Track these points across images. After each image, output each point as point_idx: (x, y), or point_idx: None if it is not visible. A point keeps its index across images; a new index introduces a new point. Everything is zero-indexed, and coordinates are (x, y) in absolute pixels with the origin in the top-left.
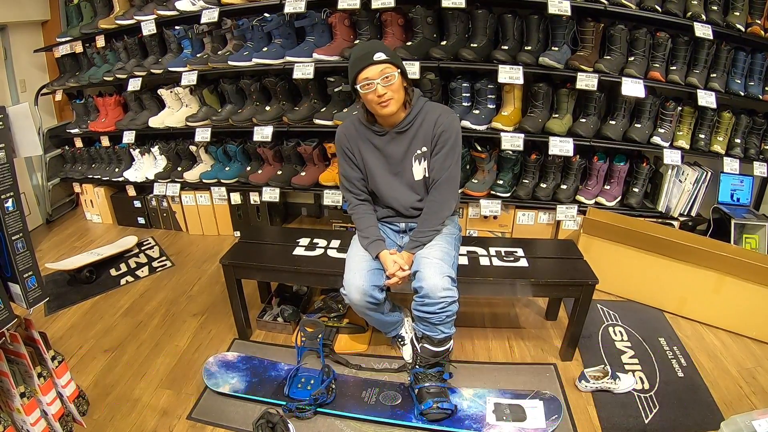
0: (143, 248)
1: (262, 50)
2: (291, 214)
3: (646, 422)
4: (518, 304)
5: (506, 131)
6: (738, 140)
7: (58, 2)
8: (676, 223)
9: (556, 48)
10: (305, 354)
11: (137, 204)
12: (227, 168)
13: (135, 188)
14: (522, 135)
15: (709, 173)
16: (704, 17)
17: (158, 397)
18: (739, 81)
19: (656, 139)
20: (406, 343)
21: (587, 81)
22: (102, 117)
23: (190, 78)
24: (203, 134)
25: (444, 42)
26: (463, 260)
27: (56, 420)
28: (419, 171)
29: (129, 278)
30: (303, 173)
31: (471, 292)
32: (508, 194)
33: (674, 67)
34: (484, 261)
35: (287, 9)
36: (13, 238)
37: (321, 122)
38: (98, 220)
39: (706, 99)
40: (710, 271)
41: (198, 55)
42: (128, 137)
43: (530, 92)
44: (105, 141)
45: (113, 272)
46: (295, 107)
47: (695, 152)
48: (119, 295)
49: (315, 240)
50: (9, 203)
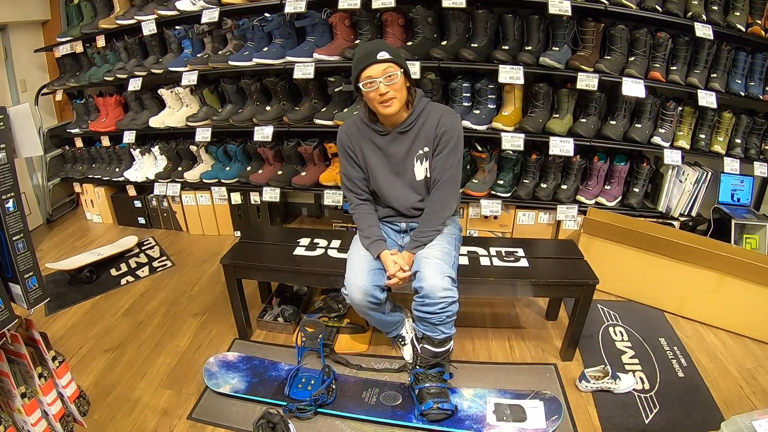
0: (143, 248)
1: (263, 50)
2: (291, 214)
3: (647, 422)
4: (518, 304)
5: (507, 131)
6: (738, 140)
7: (59, 2)
8: (677, 223)
9: (557, 48)
10: (305, 354)
11: (137, 204)
12: (228, 168)
13: (135, 188)
14: (522, 135)
15: (710, 173)
16: (705, 17)
17: (159, 397)
18: (740, 81)
19: (657, 139)
20: (407, 344)
21: (588, 81)
22: (102, 117)
23: (191, 78)
24: (204, 134)
25: (444, 42)
26: (464, 260)
27: (57, 420)
28: (421, 171)
29: (129, 278)
30: (303, 173)
31: (471, 292)
32: (509, 194)
33: (675, 67)
34: (485, 261)
35: (288, 9)
36: (14, 239)
37: (321, 122)
38: (98, 220)
39: (707, 99)
40: (710, 271)
41: (198, 55)
42: (129, 137)
43: (531, 92)
44: (105, 141)
45: (113, 272)
46: (296, 107)
47: (696, 152)
48: (120, 295)
49: (315, 240)
50: (10, 204)
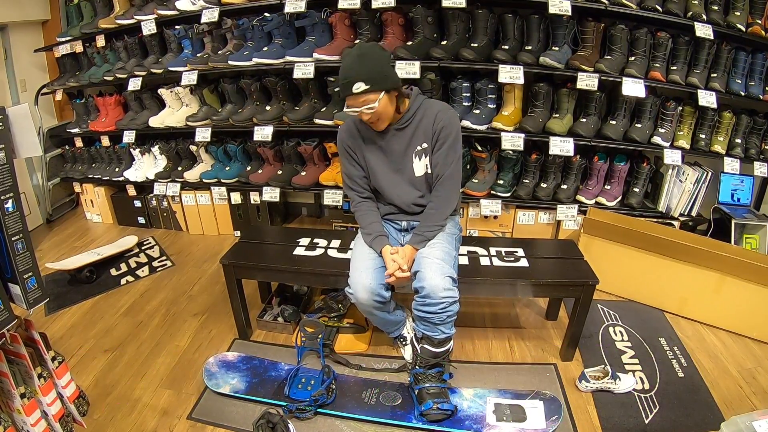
0: (143, 248)
1: (263, 50)
2: (291, 214)
3: (647, 422)
4: (518, 304)
5: (507, 131)
6: (738, 140)
7: (59, 2)
8: (677, 223)
9: (557, 48)
10: (305, 354)
11: (137, 204)
12: (227, 168)
13: (135, 188)
14: (522, 135)
15: (710, 173)
16: (705, 17)
17: (158, 397)
18: (740, 81)
19: (657, 139)
20: (408, 344)
21: (588, 81)
22: (102, 117)
23: (191, 78)
24: (203, 134)
25: (444, 42)
26: (464, 260)
27: (56, 420)
28: (420, 167)
29: (129, 278)
30: (303, 173)
31: (471, 292)
32: (509, 194)
33: (675, 67)
34: (485, 261)
35: (287, 9)
36: (13, 239)
37: (321, 122)
38: (98, 220)
39: (707, 99)
40: (711, 271)
41: (198, 55)
42: (128, 137)
43: (531, 92)
44: (105, 141)
45: (113, 272)
46: (296, 107)
47: (696, 152)
48: (119, 295)
49: (315, 240)
50: (9, 204)
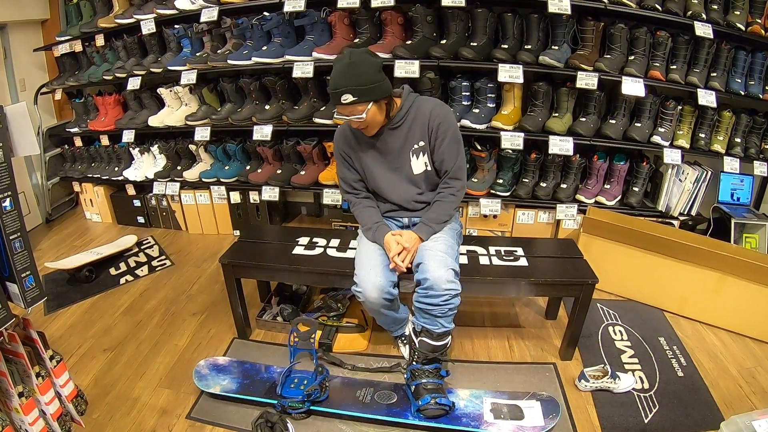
0: (143, 247)
1: (262, 49)
2: (290, 213)
3: (646, 422)
4: (518, 304)
5: (506, 130)
6: (738, 139)
7: (58, 1)
8: (676, 223)
9: (556, 47)
10: (299, 355)
11: (137, 203)
12: (227, 167)
13: (135, 187)
14: (522, 134)
15: (710, 172)
16: (704, 16)
17: (157, 397)
18: (740, 80)
19: (656, 139)
20: (408, 342)
21: (587, 80)
22: (101, 116)
23: (190, 77)
24: (203, 133)
25: (444, 41)
26: (463, 259)
27: (54, 420)
28: (419, 165)
29: (128, 277)
30: (302, 172)
31: (471, 292)
32: (508, 193)
33: (674, 66)
34: (484, 260)
35: (287, 8)
36: (11, 238)
37: (320, 121)
38: (98, 220)
39: (707, 98)
40: (710, 271)
41: (197, 54)
42: (128, 136)
43: (530, 91)
44: (104, 140)
45: (113, 271)
46: (295, 106)
47: (695, 151)
48: (119, 295)
49: (314, 239)
50: (6, 203)
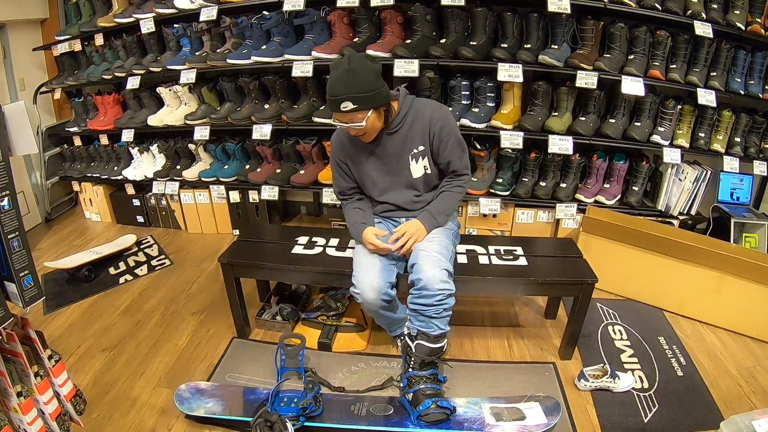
0: (142, 247)
1: (261, 48)
2: (290, 213)
3: (646, 421)
4: (517, 303)
5: (506, 129)
6: (738, 139)
7: (57, 1)
8: (676, 222)
9: (556, 46)
10: (286, 374)
11: (136, 202)
12: (226, 166)
13: (134, 187)
14: (521, 133)
15: (709, 172)
16: (704, 16)
17: (157, 396)
18: (739, 80)
19: (656, 138)
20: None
21: (587, 79)
22: (101, 115)
23: (189, 76)
24: (202, 132)
25: (443, 40)
26: (462, 259)
27: (53, 419)
28: (418, 169)
29: (128, 277)
30: (302, 171)
31: (470, 291)
32: (508, 192)
33: (674, 66)
34: (483, 260)
35: (286, 7)
36: (9, 237)
37: (320, 120)
38: (97, 219)
39: (706, 98)
40: (710, 270)
41: (197, 54)
42: (127, 136)
43: (530, 90)
44: (104, 139)
45: (112, 271)
46: (294, 105)
47: (695, 151)
48: (118, 294)
49: (314, 238)
50: (5, 202)
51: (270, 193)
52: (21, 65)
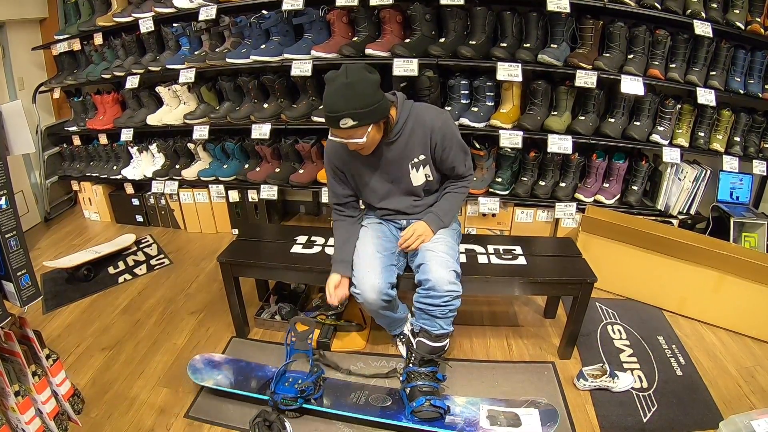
0: (141, 246)
1: (260, 47)
2: (289, 212)
3: (645, 421)
4: (517, 303)
5: (505, 129)
6: (737, 138)
7: (57, 0)
8: (676, 222)
9: (555, 45)
10: (295, 356)
11: (135, 202)
12: (225, 166)
13: (133, 186)
14: (521, 132)
15: (709, 171)
16: (704, 15)
17: (156, 395)
18: (739, 79)
19: (655, 137)
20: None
21: (586, 78)
22: (100, 115)
23: (188, 75)
24: (201, 132)
25: (442, 39)
26: (462, 258)
27: (51, 419)
28: (419, 177)
29: (127, 276)
30: (301, 171)
31: (469, 291)
32: (507, 192)
33: (674, 65)
34: (483, 259)
35: (285, 6)
36: (7, 236)
37: (319, 120)
38: (96, 218)
39: (706, 97)
40: (709, 270)
41: (196, 53)
42: (126, 135)
43: (529, 90)
44: (103, 139)
45: (111, 270)
46: (294, 105)
47: (694, 150)
48: (117, 293)
49: (313, 238)
50: (2, 201)
51: (269, 193)
52: (20, 64)
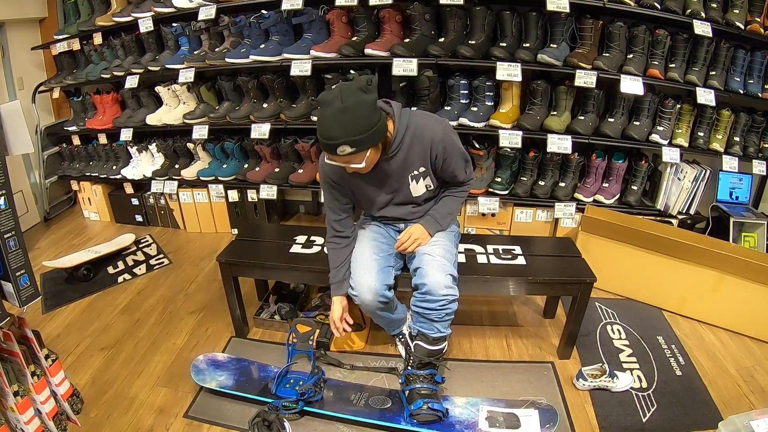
0: (141, 246)
1: (260, 47)
2: (289, 212)
3: (644, 421)
4: (516, 302)
5: (504, 128)
6: (737, 138)
7: (56, 0)
8: (675, 221)
9: (555, 45)
10: (297, 356)
11: (135, 202)
12: (225, 165)
13: (133, 186)
14: (520, 132)
15: (708, 171)
16: (703, 15)
17: (155, 395)
18: (739, 79)
19: (655, 137)
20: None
21: (586, 78)
22: (99, 114)
23: (188, 75)
24: (201, 131)
25: (442, 39)
26: (461, 258)
27: (50, 419)
28: (419, 188)
29: (126, 276)
30: (300, 170)
31: (468, 290)
32: (506, 192)
33: (673, 65)
34: (482, 259)
35: (285, 6)
36: (6, 237)
37: None
38: (96, 218)
39: (705, 97)
40: (709, 270)
41: (195, 53)
42: (126, 135)
43: (529, 89)
44: (102, 138)
45: (111, 270)
46: (293, 104)
47: (694, 150)
48: (117, 293)
49: (312, 237)
50: (1, 201)
51: (268, 192)
52: (20, 64)
